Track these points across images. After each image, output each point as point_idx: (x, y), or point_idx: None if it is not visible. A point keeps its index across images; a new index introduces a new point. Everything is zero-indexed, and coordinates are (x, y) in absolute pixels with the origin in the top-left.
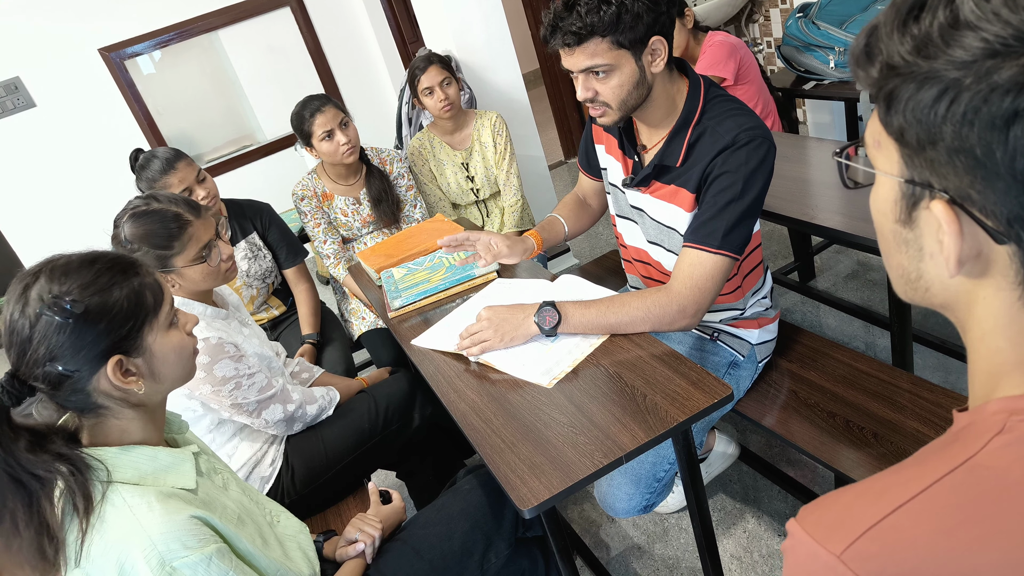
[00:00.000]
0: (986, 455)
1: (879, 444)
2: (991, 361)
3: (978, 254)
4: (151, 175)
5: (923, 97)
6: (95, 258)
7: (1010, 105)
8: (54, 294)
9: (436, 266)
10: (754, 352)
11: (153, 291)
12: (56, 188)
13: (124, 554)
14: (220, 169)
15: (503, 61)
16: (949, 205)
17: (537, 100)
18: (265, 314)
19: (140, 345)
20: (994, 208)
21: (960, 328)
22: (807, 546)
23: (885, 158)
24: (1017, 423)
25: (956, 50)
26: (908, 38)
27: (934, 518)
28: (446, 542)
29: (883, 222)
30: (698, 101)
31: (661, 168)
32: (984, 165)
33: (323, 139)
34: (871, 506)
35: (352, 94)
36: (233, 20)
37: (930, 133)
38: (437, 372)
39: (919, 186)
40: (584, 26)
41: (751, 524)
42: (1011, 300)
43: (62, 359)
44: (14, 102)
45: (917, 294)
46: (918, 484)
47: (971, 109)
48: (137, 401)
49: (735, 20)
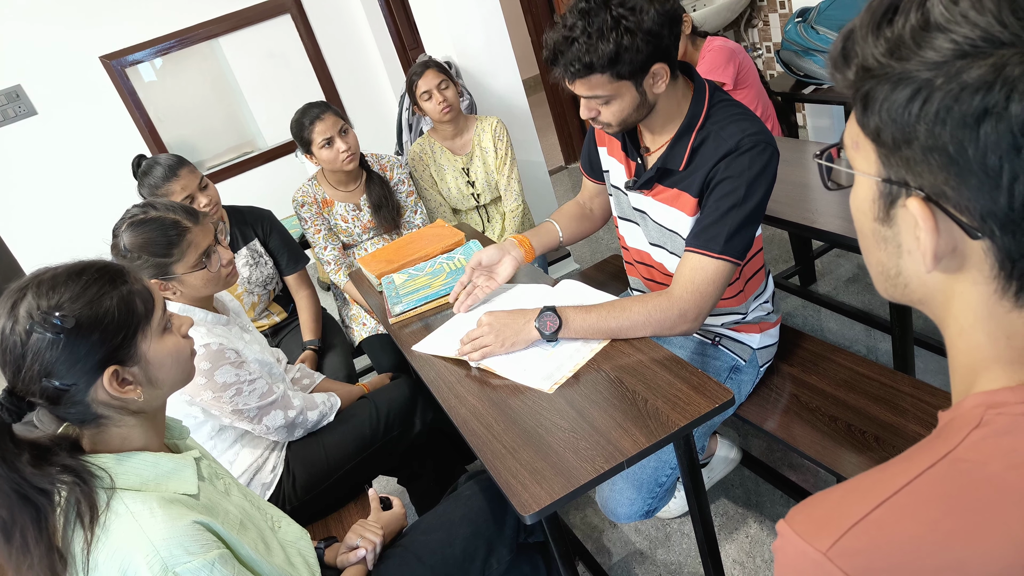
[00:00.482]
0: (965, 448)
1: (881, 448)
2: (970, 356)
3: (954, 249)
4: (153, 182)
5: (897, 97)
6: (82, 269)
7: (979, 103)
8: (43, 309)
9: (437, 271)
10: (755, 356)
11: (143, 298)
12: (57, 196)
13: (127, 560)
14: (221, 176)
15: (503, 67)
16: (925, 202)
17: (537, 105)
18: (266, 320)
19: (135, 353)
20: (968, 204)
21: (939, 324)
22: (795, 544)
23: (863, 158)
24: (994, 416)
25: (927, 51)
26: (882, 41)
27: (917, 512)
28: (447, 548)
29: (863, 220)
30: (702, 106)
31: (664, 171)
32: (957, 162)
33: (323, 146)
34: (856, 503)
35: (352, 100)
36: (234, 27)
37: (905, 132)
38: (438, 378)
39: (896, 184)
40: (583, 65)
41: (753, 529)
42: (987, 293)
43: (57, 374)
44: (16, 110)
45: (896, 290)
46: (901, 479)
47: (943, 108)
48: (137, 408)
49: (734, 25)
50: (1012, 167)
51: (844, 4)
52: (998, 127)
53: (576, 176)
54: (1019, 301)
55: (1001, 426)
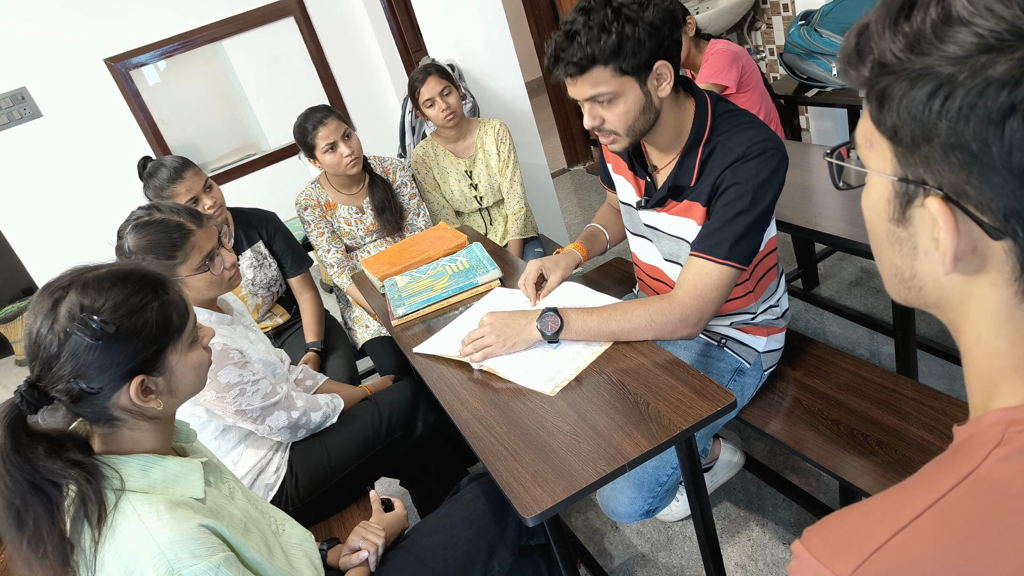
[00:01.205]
0: (987, 468)
1: (883, 452)
2: (988, 363)
3: (974, 250)
4: (158, 183)
5: (917, 94)
6: (126, 275)
7: (1006, 99)
8: (86, 311)
9: (439, 274)
10: (760, 360)
11: (179, 310)
12: (62, 198)
13: (133, 562)
14: (224, 178)
15: (506, 69)
16: (944, 202)
17: (540, 108)
18: (269, 322)
19: (163, 365)
20: (990, 203)
21: (953, 330)
22: (813, 568)
23: (878, 157)
24: (1016, 434)
25: (949, 46)
26: (900, 36)
27: (940, 535)
28: (449, 550)
29: (876, 221)
30: (706, 120)
31: (675, 188)
32: (980, 160)
33: (326, 151)
34: (877, 526)
35: (355, 102)
36: (237, 30)
37: (925, 130)
38: (440, 380)
39: (913, 184)
40: (585, 56)
41: (756, 532)
42: (1007, 296)
43: (87, 377)
44: (20, 112)
45: (911, 294)
46: (923, 502)
47: (966, 105)
48: (153, 415)
49: (737, 27)
50: None
51: (848, 7)
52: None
53: (578, 178)
54: None
55: (1022, 445)
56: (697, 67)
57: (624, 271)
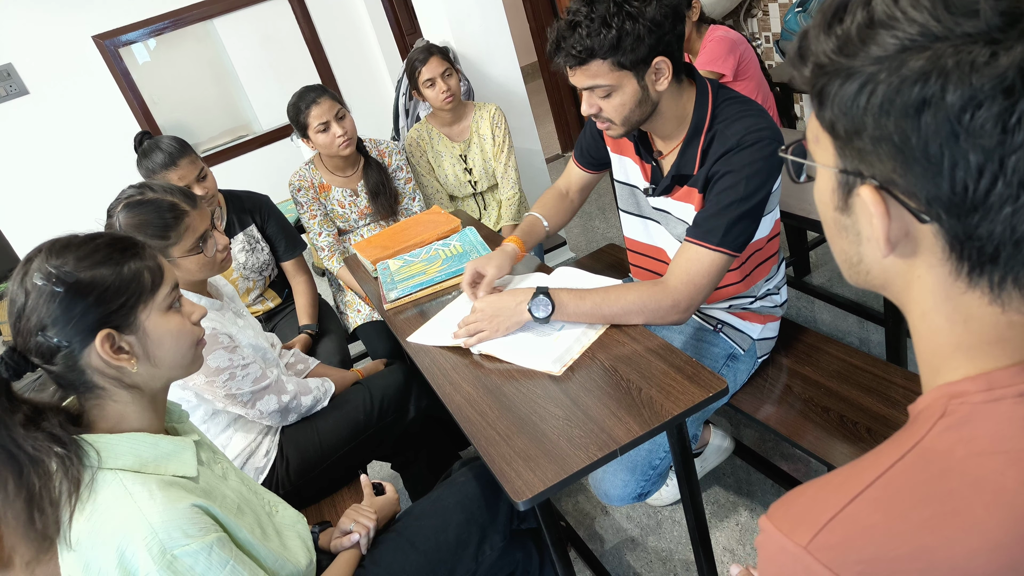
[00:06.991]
0: (931, 439)
1: (872, 439)
2: (932, 341)
3: (906, 234)
4: (152, 166)
5: (846, 91)
6: (96, 236)
7: (919, 93)
8: (51, 266)
9: (432, 258)
10: (754, 347)
11: (152, 272)
12: (49, 176)
13: (125, 541)
14: (216, 159)
15: (501, 53)
16: (876, 190)
17: (535, 93)
18: (260, 306)
19: (133, 323)
20: (915, 190)
21: (903, 310)
22: (776, 539)
23: (823, 151)
24: (957, 406)
25: (872, 47)
26: (832, 39)
27: (888, 503)
28: (441, 534)
29: (825, 211)
30: (707, 108)
31: (679, 176)
32: (902, 151)
33: (319, 131)
34: (832, 497)
35: (349, 84)
36: (229, 9)
37: (855, 124)
38: (433, 364)
39: (851, 175)
40: (584, 48)
41: (744, 517)
42: (943, 276)
43: (52, 328)
44: (7, 89)
45: (860, 277)
46: (872, 473)
47: (887, 99)
48: (132, 383)
49: (734, 14)
50: (951, 154)
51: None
52: (936, 116)
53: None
54: (971, 282)
55: (963, 415)
56: (695, 52)
57: (616, 256)
